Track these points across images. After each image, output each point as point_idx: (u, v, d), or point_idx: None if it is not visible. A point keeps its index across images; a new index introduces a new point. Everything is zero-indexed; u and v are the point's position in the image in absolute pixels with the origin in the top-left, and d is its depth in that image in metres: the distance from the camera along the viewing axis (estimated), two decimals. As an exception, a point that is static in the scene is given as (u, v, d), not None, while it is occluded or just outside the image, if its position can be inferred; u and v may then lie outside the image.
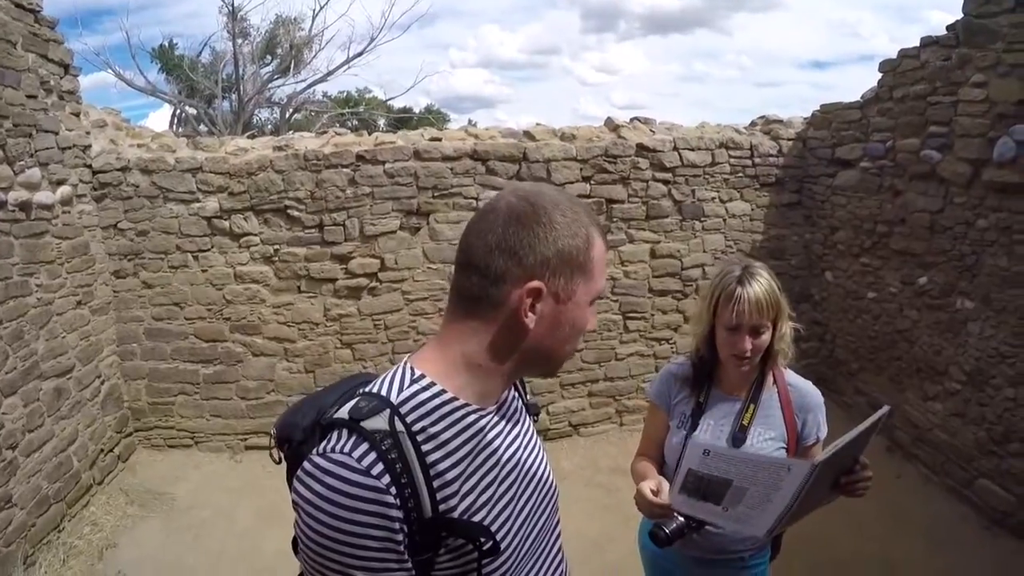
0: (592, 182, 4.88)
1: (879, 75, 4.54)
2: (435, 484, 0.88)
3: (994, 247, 3.65)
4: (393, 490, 0.83)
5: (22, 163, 3.60)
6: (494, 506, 0.95)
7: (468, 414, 0.95)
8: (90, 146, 4.35)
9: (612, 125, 5.13)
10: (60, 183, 3.98)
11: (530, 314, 0.93)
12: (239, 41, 13.69)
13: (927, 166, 4.04)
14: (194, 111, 14.46)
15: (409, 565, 0.87)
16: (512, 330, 0.95)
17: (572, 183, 4.81)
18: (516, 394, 1.12)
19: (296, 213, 4.61)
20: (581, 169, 4.85)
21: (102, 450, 4.27)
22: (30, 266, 3.67)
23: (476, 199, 4.70)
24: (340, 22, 28.99)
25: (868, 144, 4.63)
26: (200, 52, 15.28)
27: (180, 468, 4.58)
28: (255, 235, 4.64)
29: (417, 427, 0.89)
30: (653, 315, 5.17)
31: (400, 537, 0.84)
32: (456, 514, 0.89)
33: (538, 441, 1.13)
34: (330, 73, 14.28)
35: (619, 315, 5.11)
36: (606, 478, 4.49)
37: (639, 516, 2.04)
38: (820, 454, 1.55)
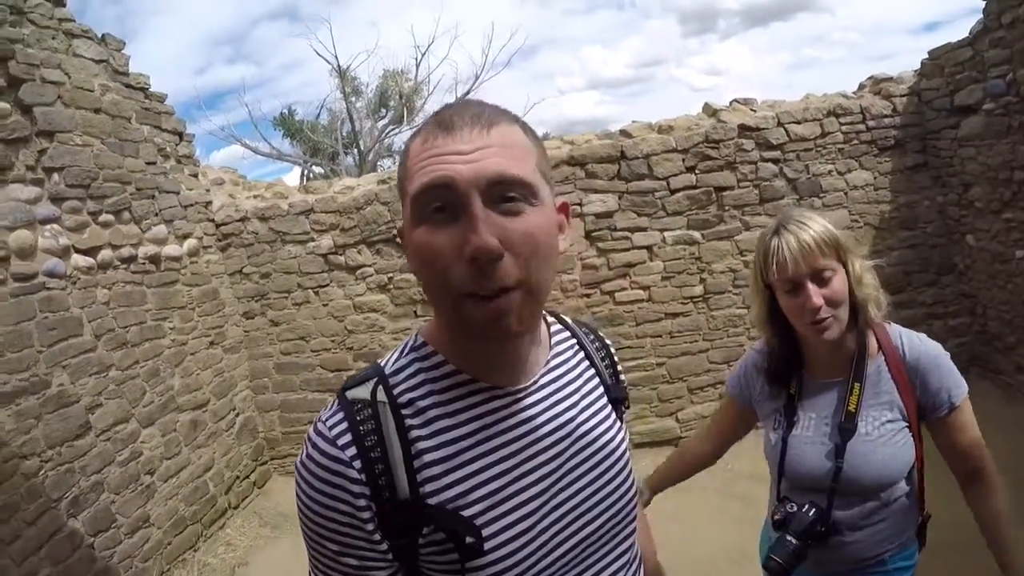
0: (697, 171, 4.61)
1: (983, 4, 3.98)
2: (415, 463, 0.77)
3: None
4: (358, 463, 0.75)
5: (148, 221, 3.99)
6: (498, 503, 0.79)
7: (473, 392, 0.82)
8: (211, 202, 4.76)
9: (710, 110, 4.87)
10: (186, 237, 4.37)
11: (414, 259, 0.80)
12: (352, 99, 14.60)
13: (1057, 92, 3.46)
14: (320, 169, 15.52)
15: (384, 547, 0.77)
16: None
17: (675, 175, 4.58)
18: (586, 374, 0.95)
19: (404, 241, 4.72)
20: (683, 159, 4.60)
21: (238, 476, 4.55)
22: (163, 311, 4.03)
23: (579, 204, 4.60)
24: (443, 66, 30.21)
25: (987, 83, 4.04)
26: (318, 115, 16.52)
27: (312, 493, 4.74)
28: (369, 266, 4.82)
29: (404, 399, 0.80)
30: (780, 304, 4.77)
31: (366, 515, 0.75)
32: (437, 500, 0.77)
33: (615, 434, 0.94)
34: (442, 115, 14.84)
35: (744, 309, 4.73)
36: (744, 487, 4.05)
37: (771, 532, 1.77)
38: None
